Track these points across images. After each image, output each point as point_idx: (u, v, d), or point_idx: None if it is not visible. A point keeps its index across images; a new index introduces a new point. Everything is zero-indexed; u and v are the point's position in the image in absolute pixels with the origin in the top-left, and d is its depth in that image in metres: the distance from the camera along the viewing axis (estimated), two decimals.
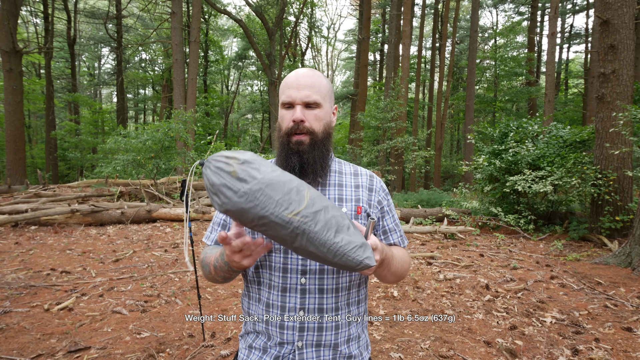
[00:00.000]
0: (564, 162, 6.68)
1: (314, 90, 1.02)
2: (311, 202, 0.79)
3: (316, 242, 0.78)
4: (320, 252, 0.80)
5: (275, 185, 0.78)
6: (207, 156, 11.39)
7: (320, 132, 1.04)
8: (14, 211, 6.76)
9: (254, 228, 0.79)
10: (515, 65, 20.79)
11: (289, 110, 1.03)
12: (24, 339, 2.69)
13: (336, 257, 0.80)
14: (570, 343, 2.75)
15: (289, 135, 1.03)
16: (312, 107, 1.02)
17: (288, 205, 0.77)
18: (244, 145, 31.05)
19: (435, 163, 18.36)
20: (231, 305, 3.45)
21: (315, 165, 1.02)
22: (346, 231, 0.81)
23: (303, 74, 1.03)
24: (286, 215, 0.77)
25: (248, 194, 0.76)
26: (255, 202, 0.76)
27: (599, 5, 6.22)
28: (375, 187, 1.13)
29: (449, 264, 4.99)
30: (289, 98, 1.02)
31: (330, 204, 0.84)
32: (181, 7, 13.70)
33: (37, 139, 25.91)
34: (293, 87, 1.02)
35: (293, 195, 0.78)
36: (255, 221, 0.78)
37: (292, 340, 1.00)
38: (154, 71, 28.05)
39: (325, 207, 0.81)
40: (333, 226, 0.80)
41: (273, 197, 0.77)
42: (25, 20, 21.78)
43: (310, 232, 0.78)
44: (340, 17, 39.08)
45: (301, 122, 1.01)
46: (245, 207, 0.76)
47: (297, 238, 0.78)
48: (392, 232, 1.15)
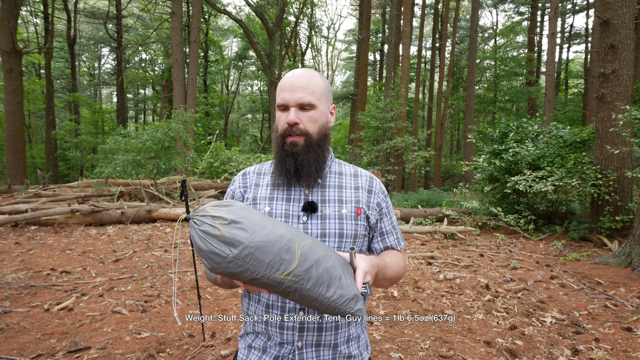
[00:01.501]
0: (564, 162, 6.67)
1: (308, 91, 1.02)
2: (302, 259, 0.79)
3: (308, 299, 0.80)
4: (312, 306, 0.82)
5: (264, 247, 0.77)
6: (206, 158, 11.39)
7: (315, 133, 1.04)
8: (14, 211, 6.76)
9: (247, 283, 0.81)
10: (515, 65, 20.78)
11: (284, 113, 1.04)
12: (24, 339, 2.69)
13: (329, 309, 0.82)
14: (570, 343, 2.75)
15: (284, 137, 1.03)
16: (306, 109, 1.02)
17: (279, 266, 0.77)
18: (244, 145, 31.06)
19: (435, 163, 18.36)
20: (231, 305, 3.45)
21: (310, 168, 1.02)
22: (338, 283, 0.82)
23: (297, 75, 1.03)
24: (277, 277, 0.77)
25: (237, 259, 0.76)
26: (245, 267, 0.76)
27: (599, 5, 6.22)
28: (375, 189, 1.13)
29: (449, 264, 4.99)
30: (283, 100, 1.02)
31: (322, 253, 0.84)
32: (181, 7, 13.70)
33: (37, 139, 25.90)
34: (287, 89, 1.02)
35: (284, 254, 0.78)
36: (247, 281, 0.79)
37: (292, 341, 1.00)
38: (154, 71, 28.05)
39: (316, 261, 0.81)
40: (325, 281, 0.80)
41: (263, 260, 0.77)
42: (25, 20, 21.78)
43: (302, 290, 0.79)
44: (340, 17, 39.13)
45: (295, 125, 1.01)
46: (235, 271, 0.76)
47: (289, 295, 0.80)
48: (389, 234, 1.16)
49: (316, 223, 1.02)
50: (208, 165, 11.75)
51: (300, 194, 1.05)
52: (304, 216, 1.03)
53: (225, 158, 11.84)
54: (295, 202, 1.05)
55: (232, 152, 12.36)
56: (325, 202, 1.05)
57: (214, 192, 9.58)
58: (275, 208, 1.04)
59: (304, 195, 1.05)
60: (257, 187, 1.11)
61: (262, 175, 1.14)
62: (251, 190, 1.11)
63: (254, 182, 1.13)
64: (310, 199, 1.05)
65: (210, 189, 9.85)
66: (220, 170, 11.69)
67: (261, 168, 1.16)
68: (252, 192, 1.10)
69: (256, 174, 1.15)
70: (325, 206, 1.04)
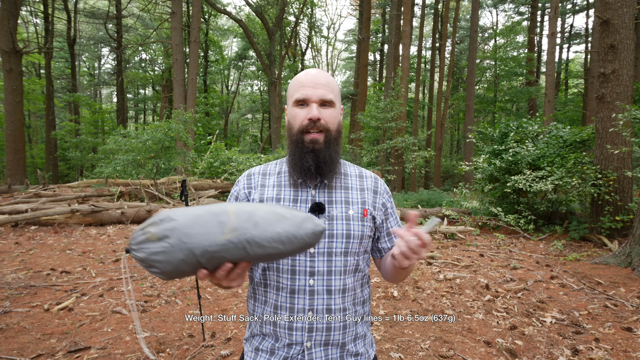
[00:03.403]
0: (564, 162, 6.67)
1: (329, 89, 1.03)
2: (237, 215, 0.78)
3: (265, 243, 0.77)
4: (276, 250, 0.78)
5: (194, 222, 0.76)
6: (206, 158, 11.39)
7: (334, 130, 1.04)
8: (14, 211, 6.76)
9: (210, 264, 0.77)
10: (515, 65, 20.79)
11: (303, 108, 1.02)
12: (24, 339, 2.69)
13: (291, 244, 0.79)
14: (570, 343, 2.75)
15: (303, 133, 1.02)
16: (327, 106, 1.03)
17: (219, 229, 0.75)
18: (244, 145, 31.05)
19: (435, 163, 18.36)
20: (231, 305, 3.45)
21: (333, 164, 1.02)
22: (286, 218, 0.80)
23: (317, 73, 1.04)
24: (222, 239, 0.75)
25: (174, 245, 0.74)
26: (187, 247, 0.74)
27: (599, 5, 6.22)
28: (380, 190, 1.14)
29: (449, 264, 4.99)
30: (304, 95, 1.01)
31: (257, 205, 0.82)
32: (181, 7, 13.70)
33: (37, 139, 25.90)
34: (309, 86, 1.02)
35: (217, 219, 0.76)
36: (203, 261, 0.75)
37: (301, 341, 1.00)
38: (154, 71, 28.05)
39: (252, 211, 0.79)
40: (272, 221, 0.78)
41: (199, 232, 0.75)
42: (25, 20, 21.77)
43: (253, 237, 0.76)
44: (340, 17, 39.09)
45: (318, 120, 1.01)
46: (181, 257, 0.74)
47: (247, 250, 0.77)
48: None
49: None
50: (208, 165, 11.75)
51: (308, 195, 1.05)
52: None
53: (225, 158, 11.84)
54: (302, 203, 1.04)
55: (232, 152, 12.37)
56: (332, 203, 1.05)
57: (214, 192, 9.58)
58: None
59: (311, 196, 1.05)
60: (263, 188, 1.09)
61: (268, 176, 1.12)
62: (257, 192, 1.09)
63: (260, 183, 1.11)
64: (317, 199, 1.04)
65: (210, 189, 9.85)
66: (220, 170, 11.69)
67: (266, 169, 1.15)
68: (257, 194, 1.09)
69: (261, 174, 1.13)
70: (332, 207, 1.04)
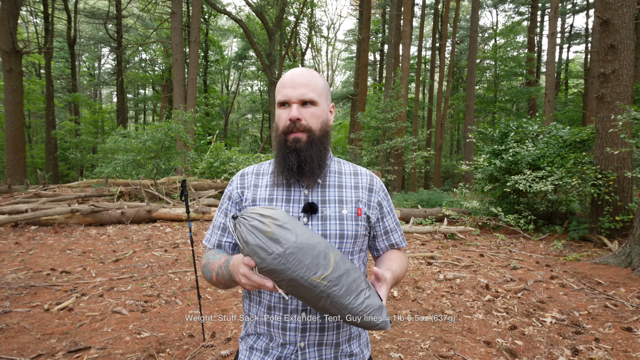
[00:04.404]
0: (564, 162, 6.67)
1: (309, 88, 1.02)
2: (336, 266, 0.84)
3: (339, 305, 0.83)
4: (341, 313, 0.85)
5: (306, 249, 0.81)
6: (206, 158, 11.40)
7: (317, 129, 1.03)
8: (14, 211, 6.76)
9: (280, 285, 0.82)
10: (515, 65, 20.79)
11: (285, 109, 1.03)
12: (24, 339, 2.69)
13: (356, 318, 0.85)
14: (570, 343, 2.75)
15: (286, 134, 1.02)
16: (308, 105, 1.02)
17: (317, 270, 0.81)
18: (244, 145, 31.05)
19: (435, 163, 18.36)
20: (231, 305, 3.45)
21: (313, 164, 1.01)
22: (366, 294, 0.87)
23: (298, 72, 1.04)
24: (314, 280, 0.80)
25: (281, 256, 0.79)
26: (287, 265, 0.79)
27: (599, 5, 6.22)
28: (375, 188, 1.12)
29: (449, 264, 4.99)
30: (285, 97, 1.02)
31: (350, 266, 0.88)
32: (181, 7, 13.70)
33: (37, 139, 25.89)
34: (289, 86, 1.02)
35: (321, 259, 0.82)
36: (283, 281, 0.81)
37: (294, 341, 1.00)
38: (154, 71, 28.04)
39: (347, 270, 0.86)
40: (354, 290, 0.85)
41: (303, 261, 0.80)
42: (25, 20, 21.76)
43: (335, 296, 0.82)
44: (340, 17, 39.09)
45: (298, 120, 1.01)
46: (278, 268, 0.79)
47: (321, 300, 0.82)
48: (393, 232, 1.16)
49: (316, 224, 1.01)
50: (208, 165, 11.75)
51: (300, 195, 1.04)
52: (304, 217, 1.01)
53: (225, 158, 11.85)
54: (295, 203, 1.03)
55: (232, 152, 12.37)
56: (325, 203, 1.04)
57: (214, 192, 9.58)
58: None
59: (304, 196, 1.04)
60: (256, 188, 1.09)
61: (261, 175, 1.11)
62: (250, 191, 1.09)
63: (253, 183, 1.10)
64: (310, 199, 1.03)
65: (210, 189, 9.85)
66: (220, 170, 11.69)
67: (260, 168, 1.14)
68: (250, 193, 1.08)
69: (255, 174, 1.13)
70: (325, 207, 1.03)
